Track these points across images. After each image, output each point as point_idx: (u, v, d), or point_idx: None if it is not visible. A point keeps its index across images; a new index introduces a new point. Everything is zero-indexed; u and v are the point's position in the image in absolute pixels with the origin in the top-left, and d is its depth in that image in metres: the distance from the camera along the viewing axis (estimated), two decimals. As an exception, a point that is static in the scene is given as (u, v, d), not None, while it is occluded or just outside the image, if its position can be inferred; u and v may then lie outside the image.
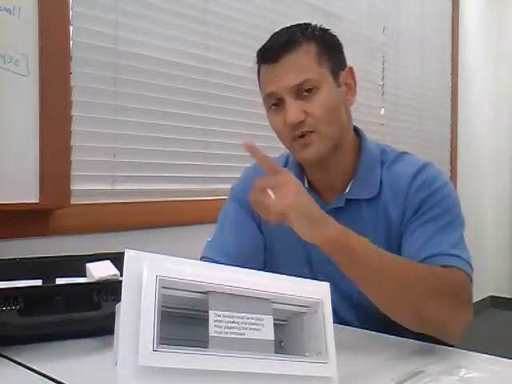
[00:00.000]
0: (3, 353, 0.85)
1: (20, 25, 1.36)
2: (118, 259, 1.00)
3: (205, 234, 1.19)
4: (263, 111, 1.70)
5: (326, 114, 0.98)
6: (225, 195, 1.24)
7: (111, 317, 0.65)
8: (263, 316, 0.64)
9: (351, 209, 1.04)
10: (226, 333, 0.60)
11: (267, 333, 0.63)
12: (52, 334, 0.92)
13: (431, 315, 0.86)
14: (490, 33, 4.07)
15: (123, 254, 0.58)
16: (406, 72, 3.09)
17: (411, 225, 0.99)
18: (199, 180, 1.92)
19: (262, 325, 0.63)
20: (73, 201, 1.51)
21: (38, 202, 1.41)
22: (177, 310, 0.65)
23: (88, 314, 0.93)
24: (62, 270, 1.06)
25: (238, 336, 0.61)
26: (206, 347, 0.58)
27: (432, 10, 3.35)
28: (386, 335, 0.95)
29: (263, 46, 1.02)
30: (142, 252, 0.59)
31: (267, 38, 1.05)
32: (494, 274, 4.12)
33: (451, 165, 3.56)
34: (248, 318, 0.62)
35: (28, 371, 0.78)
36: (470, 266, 0.93)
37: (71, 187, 1.51)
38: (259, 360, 0.60)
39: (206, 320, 0.60)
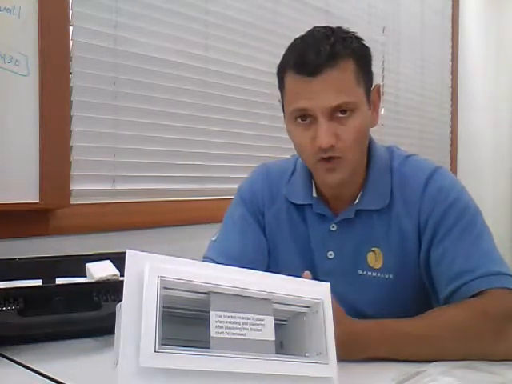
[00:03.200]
0: (3, 353, 0.85)
1: (20, 25, 1.36)
2: (118, 259, 1.00)
3: (205, 234, 1.19)
4: (263, 111, 1.71)
5: (357, 140, 0.94)
6: (225, 195, 1.24)
7: (111, 317, 0.65)
8: (264, 316, 0.64)
9: (361, 220, 1.01)
10: (227, 333, 0.60)
11: (268, 333, 0.63)
12: (52, 334, 0.92)
13: (497, 346, 0.84)
14: (489, 33, 4.07)
15: (123, 253, 0.58)
16: (406, 72, 3.09)
17: (438, 247, 0.95)
18: (199, 180, 1.92)
19: (263, 325, 0.63)
20: (73, 201, 1.51)
21: (38, 201, 1.41)
22: (178, 311, 0.65)
23: (88, 313, 0.93)
24: (62, 269, 1.06)
25: (239, 336, 0.61)
26: (208, 348, 0.58)
27: (432, 10, 3.35)
28: (386, 335, 0.94)
29: (298, 54, 0.93)
30: (143, 252, 0.59)
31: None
32: (493, 274, 4.12)
33: (451, 165, 3.56)
34: (249, 318, 0.62)
35: (28, 371, 0.78)
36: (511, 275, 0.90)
37: (71, 187, 1.51)
38: (260, 361, 0.60)
39: (208, 320, 0.60)
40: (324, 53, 0.89)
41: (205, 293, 0.62)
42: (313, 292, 0.70)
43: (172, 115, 1.80)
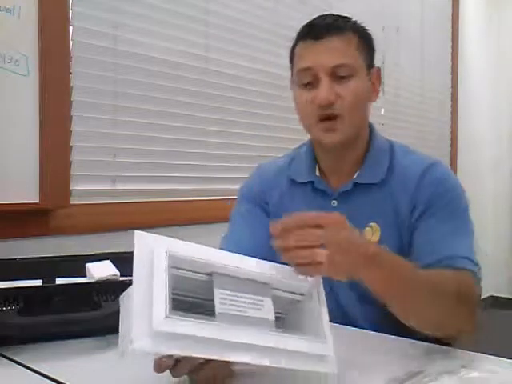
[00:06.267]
0: (3, 353, 0.85)
1: (20, 25, 1.36)
2: (118, 259, 1.00)
3: (205, 234, 1.19)
4: (263, 111, 1.70)
5: (355, 102, 1.00)
6: (225, 195, 1.24)
7: (111, 317, 0.65)
8: (263, 298, 0.67)
9: (359, 193, 1.06)
10: (231, 310, 0.63)
11: (268, 312, 0.67)
12: (52, 334, 0.92)
13: (448, 322, 0.87)
14: (490, 33, 4.07)
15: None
16: (405, 72, 3.09)
17: (423, 223, 0.99)
18: (199, 180, 1.92)
19: (263, 305, 0.67)
20: (73, 201, 1.51)
21: (38, 201, 1.41)
22: (185, 294, 0.67)
23: (88, 314, 0.93)
24: (62, 269, 1.06)
25: (242, 313, 0.64)
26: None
27: (432, 10, 3.35)
28: (387, 335, 0.95)
29: (306, 25, 1.05)
30: (150, 233, 0.64)
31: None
32: (494, 274, 4.12)
33: (451, 165, 3.56)
34: (250, 298, 0.66)
35: (28, 371, 0.78)
36: (480, 269, 0.94)
37: (71, 187, 1.51)
38: (263, 333, 0.64)
39: (212, 304, 0.63)
40: (330, 22, 1.02)
41: (208, 274, 0.65)
42: (307, 279, 0.74)
43: (172, 115, 1.80)
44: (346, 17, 1.07)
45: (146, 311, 0.57)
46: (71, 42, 1.51)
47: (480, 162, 4.02)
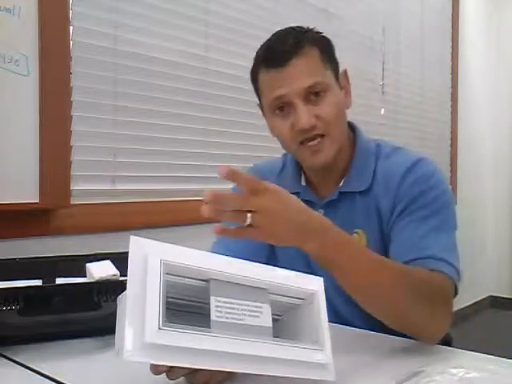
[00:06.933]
0: (3, 353, 0.85)
1: (20, 25, 1.36)
2: (118, 259, 1.00)
3: (205, 234, 1.19)
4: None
5: (336, 117, 0.99)
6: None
7: (111, 317, 0.65)
8: (261, 304, 0.66)
9: (344, 201, 1.06)
10: (227, 318, 0.62)
11: (265, 320, 0.65)
12: (52, 333, 0.92)
13: (411, 317, 0.85)
14: (489, 33, 4.07)
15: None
16: (406, 72, 3.09)
17: (402, 220, 0.98)
18: (199, 180, 1.92)
19: (261, 312, 0.65)
20: (73, 201, 1.51)
21: (38, 201, 1.41)
22: (180, 298, 0.66)
23: (88, 314, 0.93)
24: (62, 270, 1.06)
25: (238, 321, 0.63)
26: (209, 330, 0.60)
27: (432, 10, 3.35)
28: (386, 335, 0.95)
29: (266, 51, 1.00)
30: (146, 239, 0.62)
31: (267, 38, 1.04)
32: (493, 274, 4.13)
33: (451, 165, 3.56)
34: (247, 305, 0.65)
35: (28, 371, 0.78)
36: (458, 272, 0.92)
37: (71, 187, 1.51)
38: (259, 343, 0.62)
39: (208, 308, 0.62)
40: (289, 43, 0.97)
41: (205, 280, 0.64)
42: (307, 284, 0.72)
43: (172, 115, 1.80)
44: (300, 28, 1.02)
45: (139, 321, 0.56)
46: (71, 42, 1.51)
47: (480, 162, 4.03)
